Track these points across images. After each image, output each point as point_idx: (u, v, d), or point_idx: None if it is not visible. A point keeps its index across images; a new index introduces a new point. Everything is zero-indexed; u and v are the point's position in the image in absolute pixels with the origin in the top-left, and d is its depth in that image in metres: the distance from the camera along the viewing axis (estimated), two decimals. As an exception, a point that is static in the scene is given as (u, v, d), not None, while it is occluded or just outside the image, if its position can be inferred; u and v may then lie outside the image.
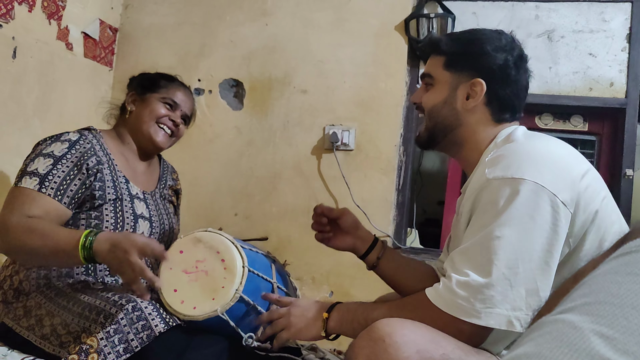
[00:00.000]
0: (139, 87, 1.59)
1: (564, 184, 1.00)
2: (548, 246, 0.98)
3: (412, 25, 2.43)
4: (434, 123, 1.21)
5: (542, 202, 0.98)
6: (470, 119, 1.18)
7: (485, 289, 0.97)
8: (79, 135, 1.43)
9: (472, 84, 1.17)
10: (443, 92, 1.19)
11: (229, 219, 2.55)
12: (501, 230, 0.98)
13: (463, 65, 1.18)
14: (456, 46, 1.20)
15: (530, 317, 0.96)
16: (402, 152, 2.47)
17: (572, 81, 2.37)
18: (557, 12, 2.40)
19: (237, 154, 2.59)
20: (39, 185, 1.32)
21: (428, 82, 1.23)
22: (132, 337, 1.12)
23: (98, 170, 1.40)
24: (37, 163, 1.35)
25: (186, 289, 1.19)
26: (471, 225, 1.06)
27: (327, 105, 2.51)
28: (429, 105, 1.21)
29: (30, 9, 2.15)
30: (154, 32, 2.72)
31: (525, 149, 1.07)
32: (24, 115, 2.17)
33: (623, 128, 2.31)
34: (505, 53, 1.17)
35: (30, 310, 1.31)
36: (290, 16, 2.59)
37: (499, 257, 0.97)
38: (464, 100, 1.17)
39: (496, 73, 1.16)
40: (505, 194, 0.99)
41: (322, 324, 1.15)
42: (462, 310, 0.98)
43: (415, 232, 2.66)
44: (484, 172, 1.05)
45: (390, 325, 0.96)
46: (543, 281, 0.98)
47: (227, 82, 2.64)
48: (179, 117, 1.59)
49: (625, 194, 2.29)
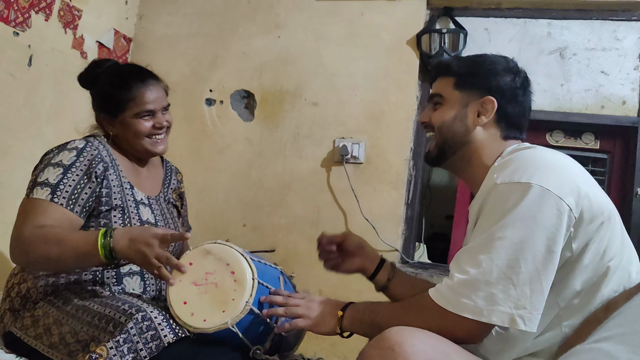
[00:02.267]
0: (105, 110, 1.50)
1: (569, 190, 1.02)
2: (552, 247, 1.00)
3: (424, 40, 2.44)
4: (444, 139, 1.23)
5: (547, 205, 1.00)
6: (480, 135, 1.20)
7: (485, 287, 0.99)
8: (85, 142, 1.43)
9: (483, 102, 1.20)
10: (453, 109, 1.22)
11: (238, 229, 2.55)
12: (504, 231, 1.00)
13: (473, 84, 1.21)
14: (466, 67, 1.24)
15: (534, 316, 0.98)
16: (412, 166, 2.47)
17: (583, 99, 2.36)
18: (569, 29, 2.40)
19: (247, 165, 2.60)
20: (50, 195, 1.32)
21: (437, 101, 1.25)
22: (141, 347, 1.12)
23: (105, 176, 1.41)
24: (47, 173, 1.35)
25: (196, 301, 1.18)
26: (477, 227, 1.08)
27: (337, 118, 2.52)
28: (439, 121, 1.23)
29: (46, 18, 2.18)
30: (167, 42, 2.75)
31: (533, 156, 1.10)
32: (38, 123, 2.19)
33: (635, 147, 2.30)
34: (513, 74, 1.22)
35: (37, 319, 1.31)
36: (302, 29, 2.60)
37: (500, 256, 0.99)
38: (475, 117, 1.20)
39: (505, 92, 1.20)
40: (511, 198, 1.01)
41: (337, 321, 1.18)
42: (465, 308, 1.00)
43: (424, 247, 2.65)
44: (493, 177, 1.07)
45: (400, 335, 0.97)
46: (547, 281, 1.00)
47: (238, 93, 2.66)
48: (161, 116, 1.49)
49: (637, 214, 2.27)
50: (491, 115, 1.19)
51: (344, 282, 2.39)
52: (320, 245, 1.42)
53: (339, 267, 1.43)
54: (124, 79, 1.47)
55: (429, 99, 1.29)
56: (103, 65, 1.55)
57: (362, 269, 1.42)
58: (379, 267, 1.42)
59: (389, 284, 1.41)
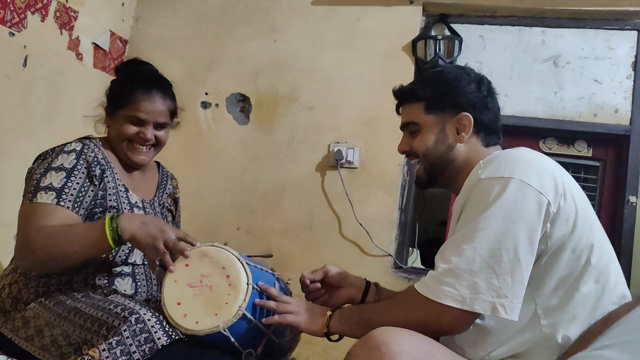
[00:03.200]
0: (109, 101, 1.52)
1: (548, 186, 1.05)
2: (532, 238, 1.03)
3: (420, 46, 2.45)
4: (431, 164, 1.25)
5: (527, 198, 1.03)
6: (462, 150, 1.23)
7: (469, 276, 1.01)
8: (82, 145, 1.43)
9: (459, 119, 1.23)
10: (432, 134, 1.24)
11: (231, 233, 2.55)
12: (486, 222, 1.03)
13: (444, 105, 1.23)
14: (431, 89, 1.25)
15: (515, 304, 1.00)
16: (406, 172, 2.48)
17: (577, 106, 2.38)
18: (563, 38, 2.42)
19: (242, 168, 2.60)
20: (56, 199, 1.32)
21: (413, 129, 1.27)
22: (135, 350, 1.11)
23: (102, 178, 1.42)
24: (50, 177, 1.34)
25: (189, 302, 1.18)
26: (461, 220, 1.11)
27: (332, 122, 2.52)
28: (422, 149, 1.25)
29: (42, 18, 2.18)
30: (163, 45, 2.75)
31: (516, 154, 1.14)
32: (32, 124, 2.19)
33: (627, 155, 2.32)
34: (477, 84, 1.25)
35: (28, 321, 1.30)
36: (299, 34, 2.61)
37: (482, 246, 1.02)
38: (455, 135, 1.23)
39: (476, 104, 1.23)
40: (493, 191, 1.05)
41: (326, 320, 1.19)
42: (448, 297, 1.02)
43: (417, 252, 2.65)
44: (477, 172, 1.11)
45: (386, 335, 0.98)
46: (527, 271, 1.03)
47: (234, 97, 2.66)
48: (151, 130, 1.48)
49: (629, 221, 2.28)
50: (470, 129, 1.22)
51: (337, 287, 2.40)
52: (305, 287, 1.41)
53: (327, 303, 1.42)
54: (133, 80, 1.48)
55: (402, 127, 1.31)
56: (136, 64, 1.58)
57: (350, 299, 1.43)
58: (366, 292, 1.43)
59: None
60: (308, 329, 1.21)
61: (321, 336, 1.21)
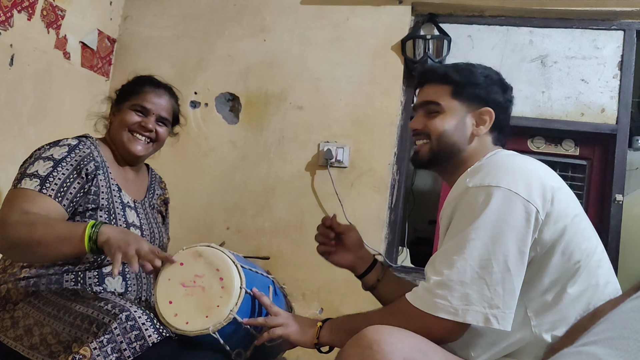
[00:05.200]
0: (117, 97, 1.59)
1: (536, 193, 1.06)
2: (522, 247, 1.03)
3: (409, 45, 2.46)
4: (441, 147, 1.24)
5: (515, 207, 1.04)
6: (475, 144, 1.24)
7: (460, 287, 1.02)
8: (77, 141, 1.44)
9: (481, 113, 1.23)
10: (454, 119, 1.23)
11: (221, 232, 2.54)
12: (476, 233, 1.03)
13: (471, 94, 1.23)
14: (463, 76, 1.25)
15: (507, 314, 1.01)
16: (396, 171, 2.49)
17: (564, 106, 2.40)
18: (550, 37, 2.44)
19: (231, 168, 2.59)
20: (39, 186, 1.32)
21: (432, 109, 1.25)
22: (125, 347, 1.11)
23: (95, 175, 1.42)
24: (37, 165, 1.35)
25: (181, 302, 1.18)
26: (450, 230, 1.11)
27: (322, 122, 2.53)
28: (439, 130, 1.23)
29: (29, 17, 2.16)
30: (152, 44, 2.74)
31: (503, 161, 1.15)
32: (19, 123, 2.17)
33: (614, 153, 2.35)
34: (504, 87, 1.27)
35: (17, 321, 1.29)
36: (288, 33, 2.61)
37: (473, 257, 1.02)
38: (474, 127, 1.23)
39: (501, 104, 1.25)
40: (481, 200, 1.05)
41: (315, 331, 1.19)
42: (440, 309, 1.02)
43: (407, 251, 2.66)
44: (465, 181, 1.11)
45: (378, 333, 0.98)
46: (518, 280, 1.03)
47: (223, 96, 2.66)
48: (153, 121, 1.53)
49: (615, 219, 2.31)
50: (489, 125, 1.23)
51: (328, 286, 2.40)
52: (322, 226, 1.41)
53: (330, 255, 1.42)
54: (144, 79, 1.59)
55: (420, 105, 1.28)
56: None
57: (352, 267, 1.43)
58: (370, 268, 1.43)
59: (377, 284, 1.42)
60: (298, 341, 1.20)
61: (312, 347, 1.20)
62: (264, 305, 1.22)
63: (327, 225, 1.40)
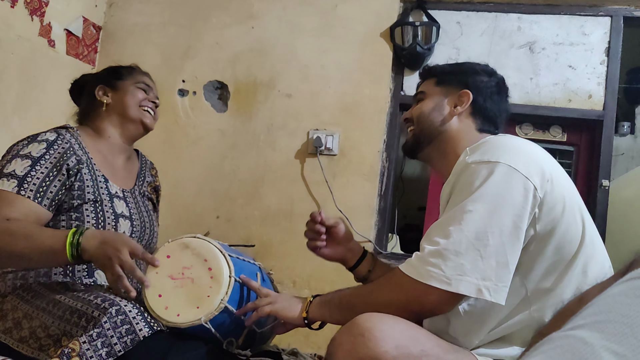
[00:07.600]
0: (105, 80, 1.58)
1: (535, 171, 1.06)
2: (518, 223, 1.04)
3: (397, 32, 2.45)
4: (420, 128, 1.29)
5: (514, 182, 1.04)
6: (455, 125, 1.26)
7: (454, 257, 1.01)
8: (56, 135, 1.39)
9: (460, 94, 1.27)
10: (432, 102, 1.30)
11: (211, 221, 2.54)
12: (473, 205, 1.04)
13: (452, 80, 1.30)
14: (448, 67, 1.35)
15: (500, 287, 1.01)
16: (385, 158, 2.49)
17: (552, 92, 2.42)
18: (538, 24, 2.45)
19: (220, 156, 2.58)
20: (17, 187, 1.28)
21: (419, 98, 1.33)
22: (116, 341, 1.10)
23: (78, 170, 1.38)
24: (15, 165, 1.31)
25: (171, 294, 1.17)
26: (449, 204, 1.12)
27: (311, 109, 2.52)
28: (418, 112, 1.30)
29: (12, 4, 2.12)
30: (138, 31, 2.70)
31: (503, 140, 1.16)
32: (3, 113, 2.13)
33: (600, 139, 2.37)
34: (489, 76, 1.32)
35: (6, 314, 1.28)
36: (276, 20, 2.59)
37: (469, 228, 1.02)
38: (452, 108, 1.27)
39: (481, 89, 1.28)
40: (481, 175, 1.06)
41: (304, 306, 1.19)
42: (433, 277, 1.01)
43: (396, 238, 2.68)
44: (465, 158, 1.12)
45: (370, 321, 0.99)
46: (513, 255, 1.03)
47: (211, 84, 2.63)
48: (155, 97, 1.61)
49: (602, 204, 2.34)
50: (466, 106, 1.25)
51: (318, 273, 2.41)
52: (311, 222, 1.41)
53: (320, 250, 1.42)
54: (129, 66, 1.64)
55: (413, 97, 1.38)
56: None
57: (343, 260, 1.44)
58: (361, 260, 1.44)
59: (369, 275, 1.43)
60: (287, 316, 1.20)
61: (301, 324, 1.20)
62: (252, 288, 1.23)
63: (316, 221, 1.40)
